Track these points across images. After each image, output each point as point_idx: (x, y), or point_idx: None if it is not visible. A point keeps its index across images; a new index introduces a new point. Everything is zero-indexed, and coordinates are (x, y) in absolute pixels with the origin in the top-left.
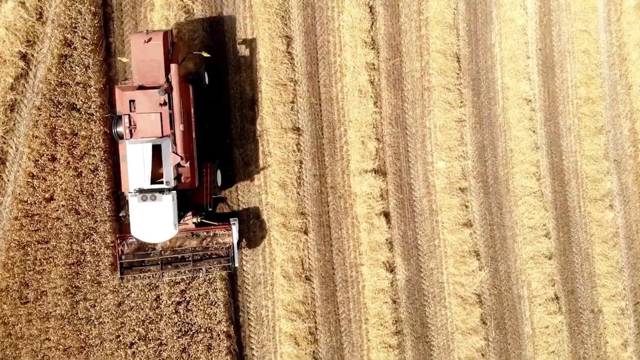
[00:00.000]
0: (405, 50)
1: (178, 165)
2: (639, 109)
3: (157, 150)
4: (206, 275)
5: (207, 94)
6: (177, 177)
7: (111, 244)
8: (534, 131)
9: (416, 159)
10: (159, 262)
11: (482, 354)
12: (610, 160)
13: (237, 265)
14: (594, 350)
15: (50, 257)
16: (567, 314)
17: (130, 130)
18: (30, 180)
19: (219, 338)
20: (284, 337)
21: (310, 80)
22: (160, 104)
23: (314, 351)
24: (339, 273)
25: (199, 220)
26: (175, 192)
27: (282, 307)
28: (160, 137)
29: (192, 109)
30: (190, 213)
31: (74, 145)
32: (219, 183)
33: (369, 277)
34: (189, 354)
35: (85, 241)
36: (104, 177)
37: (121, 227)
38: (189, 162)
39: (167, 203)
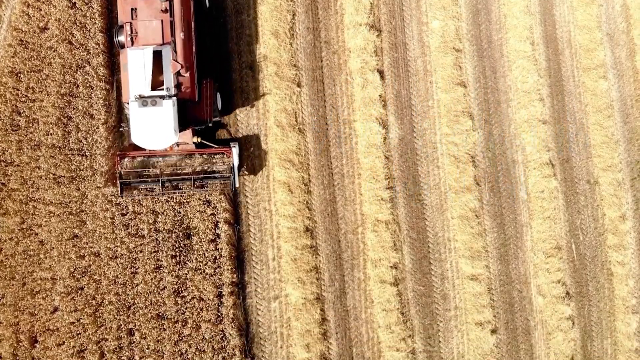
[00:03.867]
0: None
1: (178, 74)
2: None
3: (157, 58)
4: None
5: (207, 17)
6: (177, 86)
7: (103, 77)
8: None
9: (411, 18)
10: (159, 181)
11: (476, 215)
12: (604, 33)
13: (237, 185)
14: (591, 222)
15: (43, 87)
16: (563, 182)
17: (132, 38)
18: (25, 9)
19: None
20: (277, 185)
21: None
22: (161, 11)
23: (307, 201)
24: (332, 129)
25: (198, 141)
26: (175, 98)
27: (276, 156)
28: (161, 45)
29: (192, 22)
30: (190, 129)
31: None
32: (219, 106)
33: (362, 133)
34: (183, 191)
35: (78, 72)
36: (98, 10)
37: (121, 144)
38: (188, 73)
39: (168, 108)
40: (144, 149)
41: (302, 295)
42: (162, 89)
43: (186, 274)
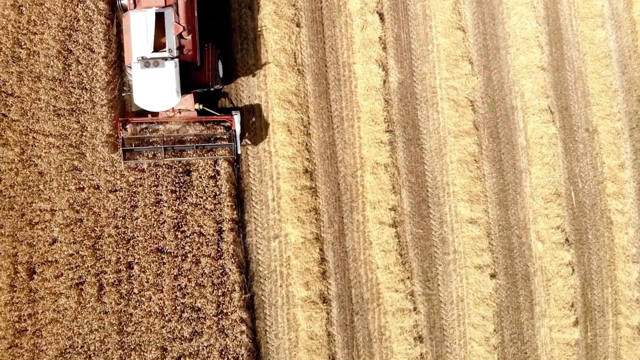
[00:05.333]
0: None
1: (180, 37)
2: None
3: (159, 21)
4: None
5: None
6: (179, 48)
7: (103, 11)
8: None
9: None
10: (162, 147)
11: (475, 160)
12: None
13: (239, 152)
14: (590, 170)
15: (44, 20)
16: (562, 130)
17: (134, 1)
18: None
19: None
20: (277, 125)
21: None
22: None
23: (306, 143)
24: (332, 71)
25: (200, 108)
26: (177, 60)
27: (275, 97)
28: (164, 7)
29: None
30: (192, 95)
31: None
32: (221, 74)
33: (362, 75)
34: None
35: (79, 6)
36: None
37: (122, 109)
38: (190, 36)
39: (170, 69)
40: (146, 115)
41: (302, 235)
42: (165, 51)
43: (186, 209)
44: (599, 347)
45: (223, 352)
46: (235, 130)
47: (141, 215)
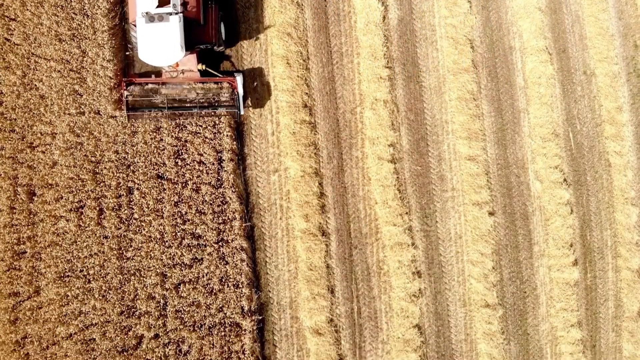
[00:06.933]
0: None
1: None
2: None
3: None
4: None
5: None
6: (183, 4)
7: None
8: None
9: None
10: (165, 108)
11: (474, 98)
12: None
13: (242, 113)
14: (588, 112)
15: None
16: (559, 72)
17: None
18: None
19: None
20: (276, 58)
21: None
22: None
23: (305, 77)
24: (331, 5)
25: (203, 68)
26: (181, 15)
27: (274, 29)
28: None
29: None
30: (195, 54)
31: None
32: (223, 36)
33: (361, 10)
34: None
35: None
36: None
37: (126, 69)
38: None
39: (174, 24)
40: (150, 76)
41: (301, 168)
42: (169, 6)
43: (186, 136)
44: (598, 290)
45: (223, 279)
46: (238, 92)
47: (141, 142)
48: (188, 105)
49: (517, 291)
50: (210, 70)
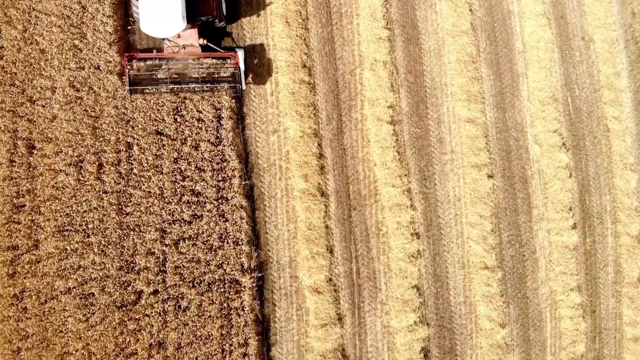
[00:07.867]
0: None
1: None
2: None
3: None
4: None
5: None
6: None
7: None
8: None
9: None
10: (167, 83)
11: (473, 60)
12: None
13: (244, 87)
14: (586, 78)
15: None
16: (558, 37)
17: None
18: None
19: None
20: (275, 17)
21: None
22: None
23: (304, 37)
24: None
25: (205, 43)
26: None
27: None
28: None
29: None
30: (196, 29)
31: None
32: (224, 12)
33: None
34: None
35: None
36: None
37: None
38: None
39: None
40: (152, 51)
41: (300, 129)
42: None
43: (184, 93)
44: (598, 255)
45: (223, 236)
46: (239, 67)
47: (140, 97)
48: (189, 80)
49: (516, 254)
50: (211, 45)
